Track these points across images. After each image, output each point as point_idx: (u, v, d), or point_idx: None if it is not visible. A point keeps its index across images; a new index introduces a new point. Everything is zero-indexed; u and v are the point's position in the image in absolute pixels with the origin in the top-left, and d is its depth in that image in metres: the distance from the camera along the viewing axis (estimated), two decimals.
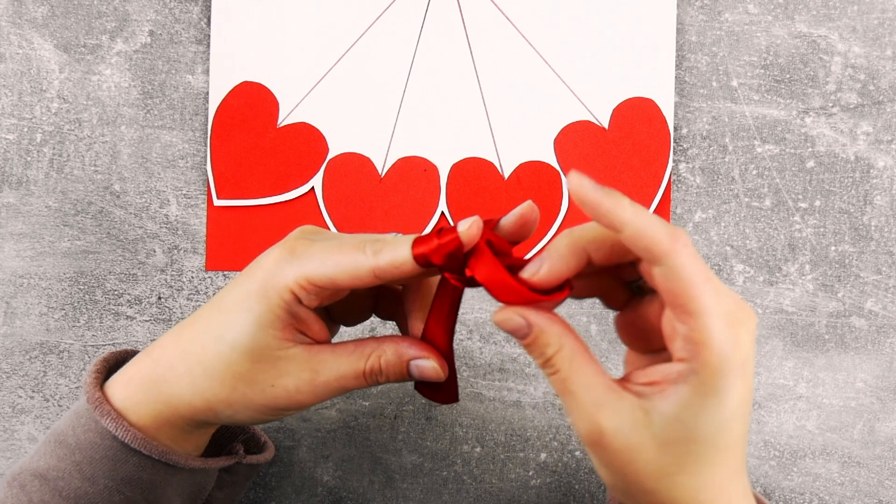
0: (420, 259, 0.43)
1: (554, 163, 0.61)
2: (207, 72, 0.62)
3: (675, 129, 0.61)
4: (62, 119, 0.62)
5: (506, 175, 0.62)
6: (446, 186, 0.62)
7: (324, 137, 0.62)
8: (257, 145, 0.62)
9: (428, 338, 0.47)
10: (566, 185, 0.61)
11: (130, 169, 0.62)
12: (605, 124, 0.61)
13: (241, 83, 0.62)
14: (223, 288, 0.47)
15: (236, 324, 0.44)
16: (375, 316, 0.51)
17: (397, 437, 0.61)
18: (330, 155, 0.62)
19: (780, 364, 0.61)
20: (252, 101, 0.62)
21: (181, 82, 0.62)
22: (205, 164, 0.62)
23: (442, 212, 0.62)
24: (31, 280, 0.61)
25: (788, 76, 0.61)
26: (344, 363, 0.45)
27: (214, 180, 0.61)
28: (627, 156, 0.61)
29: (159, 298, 0.62)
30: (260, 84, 0.62)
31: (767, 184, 0.61)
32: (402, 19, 0.62)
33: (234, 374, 0.45)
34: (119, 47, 0.62)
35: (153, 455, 0.46)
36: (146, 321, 0.62)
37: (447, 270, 0.43)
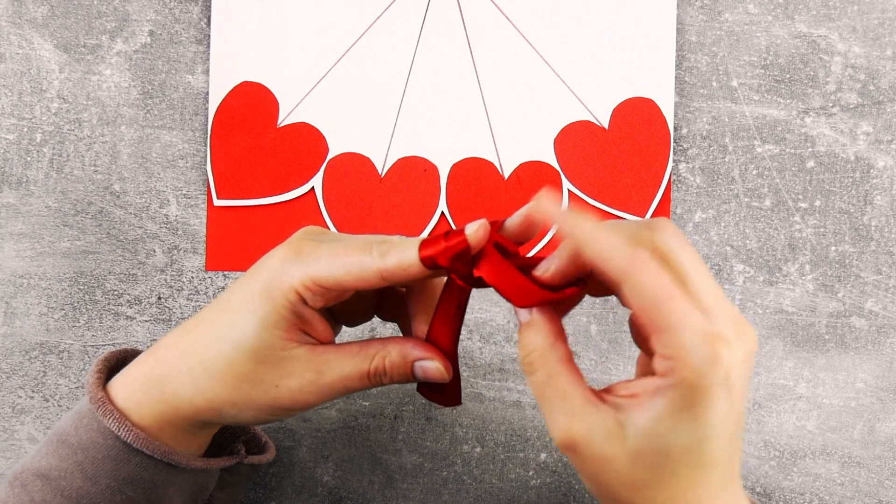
0: (427, 261, 0.42)
1: (554, 163, 0.61)
2: (207, 72, 0.62)
3: (675, 129, 0.61)
4: (62, 119, 0.62)
5: (506, 175, 0.62)
6: (446, 186, 0.62)
7: (324, 137, 0.62)
8: (257, 145, 0.62)
9: (433, 339, 0.46)
10: (566, 186, 0.61)
11: (130, 169, 0.62)
12: (605, 124, 0.61)
13: (241, 83, 0.62)
14: (227, 288, 0.47)
15: (241, 324, 0.44)
16: (377, 317, 0.51)
17: (397, 437, 0.61)
18: (330, 155, 0.62)
19: (780, 364, 0.61)
20: (252, 101, 0.62)
21: (181, 82, 0.62)
22: (205, 164, 0.62)
23: (442, 212, 0.62)
24: (31, 280, 0.61)
25: (788, 76, 0.61)
26: (348, 364, 0.45)
27: (214, 180, 0.61)
28: (627, 156, 0.61)
29: (159, 298, 0.61)
30: (260, 84, 0.62)
31: (767, 184, 0.61)
32: (402, 19, 0.62)
33: (238, 375, 0.45)
34: (119, 47, 0.62)
35: (155, 455, 0.46)
36: (146, 321, 0.61)
37: (454, 273, 0.43)
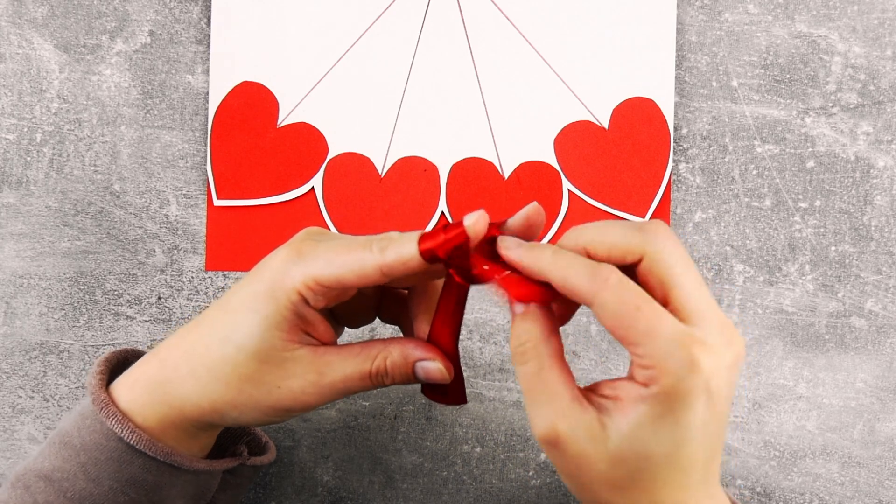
0: (427, 254, 0.42)
1: (554, 163, 0.61)
2: (207, 72, 0.62)
3: (675, 129, 0.61)
4: (62, 119, 0.61)
5: (506, 175, 0.62)
6: (446, 186, 0.62)
7: (324, 137, 0.62)
8: (257, 145, 0.62)
9: (434, 339, 0.46)
10: (566, 186, 0.61)
11: (130, 169, 0.62)
12: (605, 124, 0.61)
13: (241, 83, 0.62)
14: (229, 289, 0.47)
15: (243, 325, 0.44)
16: (379, 319, 0.51)
17: (397, 437, 0.61)
18: (330, 155, 0.62)
19: (780, 364, 0.61)
20: (252, 101, 0.62)
21: (181, 82, 0.62)
22: (205, 164, 0.62)
23: (442, 212, 0.62)
24: (31, 280, 0.61)
25: (788, 76, 0.61)
26: (350, 364, 0.45)
27: (214, 180, 0.61)
28: (627, 156, 0.61)
29: (159, 298, 0.61)
30: (260, 84, 0.62)
31: (767, 184, 0.61)
32: (402, 19, 0.62)
33: (240, 376, 0.45)
34: (119, 47, 0.62)
35: (158, 456, 0.46)
36: (146, 321, 0.61)
37: (453, 266, 0.43)
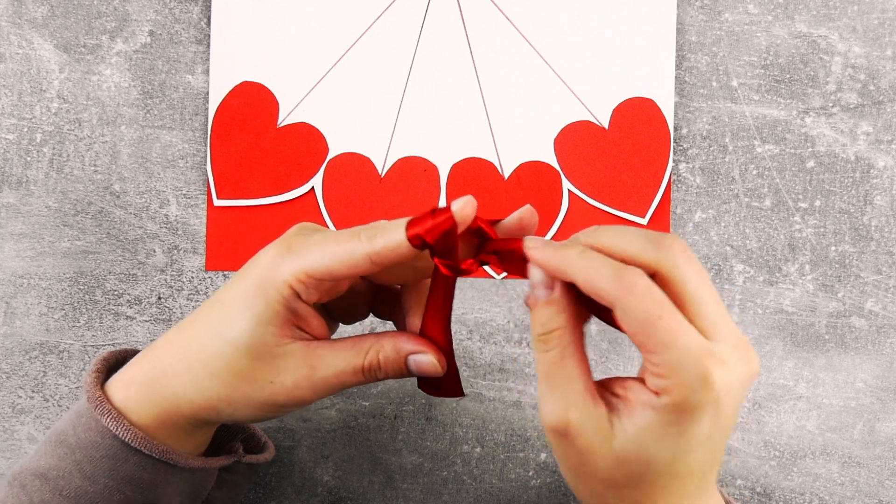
0: (415, 240, 0.42)
1: (554, 163, 0.61)
2: (207, 72, 0.62)
3: (675, 129, 0.61)
4: (62, 119, 0.62)
5: (506, 175, 0.62)
6: (446, 186, 0.62)
7: (324, 137, 0.62)
8: (257, 145, 0.62)
9: (425, 333, 0.47)
10: (566, 186, 0.61)
11: (130, 169, 0.62)
12: (605, 124, 0.61)
13: (241, 83, 0.62)
14: (221, 286, 0.47)
15: (235, 321, 0.44)
16: (373, 315, 0.51)
17: (397, 437, 0.61)
18: (330, 155, 0.62)
19: (780, 364, 0.61)
20: (252, 101, 0.62)
21: (181, 82, 0.62)
22: (205, 164, 0.62)
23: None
24: (31, 280, 0.61)
25: (788, 76, 0.61)
26: (342, 359, 0.45)
27: (214, 180, 0.61)
28: (627, 156, 0.61)
29: (159, 298, 0.62)
30: (260, 84, 0.62)
31: (767, 184, 0.61)
32: (402, 19, 0.62)
33: (234, 372, 0.45)
34: (119, 47, 0.62)
35: (154, 454, 0.46)
36: (146, 321, 0.61)
37: (441, 255, 0.43)
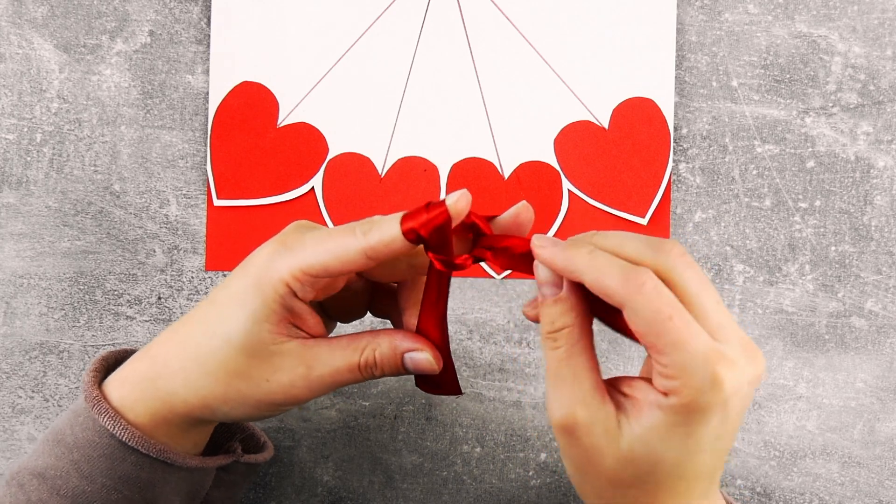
0: (410, 234, 0.42)
1: (554, 163, 0.61)
2: (207, 72, 0.62)
3: (675, 129, 0.61)
4: (62, 119, 0.62)
5: (506, 175, 0.62)
6: (446, 186, 0.62)
7: (324, 137, 0.62)
8: (257, 145, 0.62)
9: (422, 330, 0.47)
10: (566, 186, 0.61)
11: (130, 169, 0.62)
12: (605, 124, 0.61)
13: (241, 83, 0.62)
14: (218, 285, 0.47)
15: (231, 319, 0.44)
16: (370, 313, 0.51)
17: (397, 437, 0.61)
18: (330, 155, 0.62)
19: (780, 364, 0.61)
20: (252, 101, 0.62)
21: (181, 82, 0.62)
22: (205, 164, 0.62)
23: None
24: (31, 280, 0.61)
25: (788, 76, 0.61)
26: (338, 357, 0.45)
27: (214, 180, 0.61)
28: (627, 156, 0.61)
29: (159, 298, 0.62)
30: (260, 84, 0.62)
31: (767, 184, 0.61)
32: (402, 19, 0.62)
33: (230, 370, 0.45)
34: (119, 47, 0.62)
35: (151, 453, 0.46)
36: (146, 321, 0.62)
37: (435, 249, 0.43)
